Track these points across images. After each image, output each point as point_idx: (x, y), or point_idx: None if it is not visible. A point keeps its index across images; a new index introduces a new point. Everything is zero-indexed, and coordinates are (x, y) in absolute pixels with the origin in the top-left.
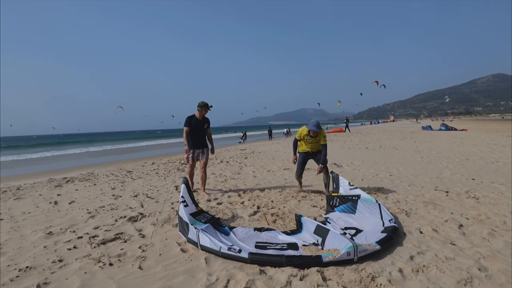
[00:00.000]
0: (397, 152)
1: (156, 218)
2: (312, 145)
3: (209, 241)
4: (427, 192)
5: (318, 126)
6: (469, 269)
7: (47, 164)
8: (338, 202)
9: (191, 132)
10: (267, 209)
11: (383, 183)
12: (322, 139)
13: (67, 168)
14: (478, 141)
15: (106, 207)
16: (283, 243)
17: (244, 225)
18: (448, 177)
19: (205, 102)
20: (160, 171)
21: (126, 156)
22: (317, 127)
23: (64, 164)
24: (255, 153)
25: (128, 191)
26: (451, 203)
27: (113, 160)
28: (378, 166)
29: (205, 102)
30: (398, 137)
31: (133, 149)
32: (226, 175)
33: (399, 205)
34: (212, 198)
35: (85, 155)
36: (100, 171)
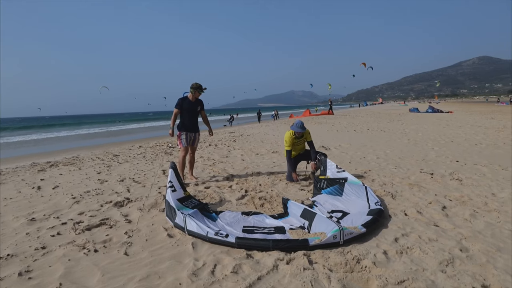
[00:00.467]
0: (385, 134)
1: (142, 203)
2: (300, 147)
3: (196, 226)
4: (413, 174)
5: (303, 127)
6: (451, 250)
7: (31, 147)
8: (326, 184)
9: (183, 114)
10: (255, 192)
11: (370, 165)
12: (308, 136)
13: (51, 152)
14: (463, 123)
15: (92, 192)
16: (271, 227)
17: (231, 209)
18: (433, 159)
19: (199, 84)
20: (148, 154)
21: (114, 139)
22: (302, 128)
23: (48, 147)
24: (243, 136)
25: (114, 176)
26: (435, 185)
27: (100, 143)
28: (365, 148)
29: (198, 84)
30: (385, 120)
31: (121, 132)
32: (214, 158)
33: (385, 187)
34: (200, 182)
35: (70, 138)
36: (86, 154)
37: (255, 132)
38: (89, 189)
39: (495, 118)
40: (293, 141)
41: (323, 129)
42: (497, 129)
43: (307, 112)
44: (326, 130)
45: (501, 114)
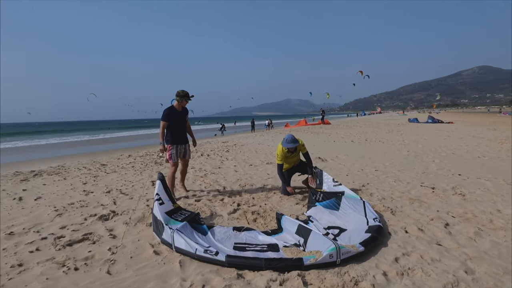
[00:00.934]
0: (383, 145)
1: (129, 216)
2: (293, 159)
3: (184, 243)
4: (413, 188)
5: (294, 140)
6: (456, 272)
7: (15, 155)
8: (322, 197)
9: (171, 126)
10: (248, 206)
11: (369, 178)
12: (303, 148)
13: (36, 160)
14: (464, 134)
15: (76, 204)
16: (263, 244)
17: (223, 224)
18: (435, 172)
19: (186, 91)
20: (137, 164)
21: (103, 147)
22: (293, 142)
23: (33, 155)
24: (237, 145)
25: (101, 187)
26: (437, 200)
27: (88, 151)
28: (363, 160)
29: (185, 91)
30: (384, 130)
31: (112, 139)
32: (206, 169)
33: (384, 202)
34: (190, 195)
35: (58, 145)
36: (72, 163)
37: (249, 142)
38: (73, 201)
39: (498, 129)
40: (285, 155)
41: (319, 140)
42: (500, 141)
43: (303, 121)
44: (323, 140)
45: (504, 125)
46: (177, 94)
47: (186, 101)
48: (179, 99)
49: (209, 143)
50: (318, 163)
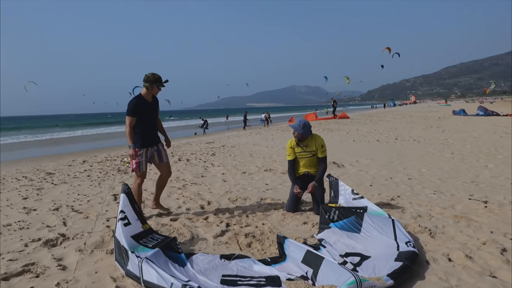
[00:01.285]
0: (419, 146)
1: (83, 241)
2: (307, 161)
3: (156, 276)
4: (459, 202)
5: (304, 127)
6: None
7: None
8: (337, 215)
9: (140, 122)
10: (240, 227)
11: (400, 189)
12: (320, 151)
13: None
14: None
15: (13, 225)
16: (260, 276)
17: (207, 250)
18: (488, 181)
19: (157, 75)
20: (94, 173)
21: (49, 150)
22: (302, 128)
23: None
24: (226, 147)
25: (47, 202)
26: (491, 218)
27: (30, 156)
28: (392, 166)
29: (156, 75)
30: (420, 125)
31: (61, 140)
32: (185, 178)
33: (421, 221)
34: (164, 212)
35: None
36: (9, 172)
37: (241, 142)
38: (11, 221)
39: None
40: (295, 149)
41: (335, 139)
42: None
43: (313, 115)
44: (339, 139)
45: None
46: (146, 79)
47: (158, 89)
48: (148, 85)
49: (189, 144)
50: (333, 170)
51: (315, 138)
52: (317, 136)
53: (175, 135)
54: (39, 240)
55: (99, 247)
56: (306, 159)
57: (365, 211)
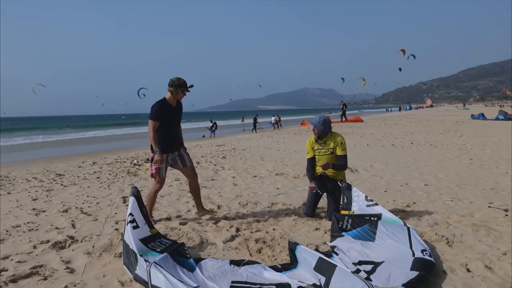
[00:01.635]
0: (436, 151)
1: (92, 244)
2: (325, 159)
3: (164, 281)
4: (478, 210)
5: (324, 123)
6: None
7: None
8: (350, 224)
9: (163, 127)
10: (250, 232)
11: (415, 196)
12: (340, 148)
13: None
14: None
15: (23, 227)
16: (271, 283)
17: (216, 255)
18: (509, 189)
19: (182, 80)
20: (103, 174)
21: (59, 151)
22: (322, 124)
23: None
24: (236, 150)
25: (56, 204)
26: None
27: (41, 156)
28: (408, 171)
29: (182, 80)
30: (437, 130)
31: (72, 141)
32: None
33: (437, 229)
34: (174, 216)
35: (2, 149)
36: (19, 173)
37: (252, 145)
38: (20, 222)
39: None
40: (314, 147)
41: (348, 142)
42: None
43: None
44: (353, 143)
45: None
46: (171, 83)
47: (183, 94)
48: (173, 90)
49: (200, 146)
50: (346, 175)
51: (334, 135)
52: (336, 133)
53: (188, 137)
54: (48, 242)
55: (107, 250)
56: (325, 156)
57: (379, 218)
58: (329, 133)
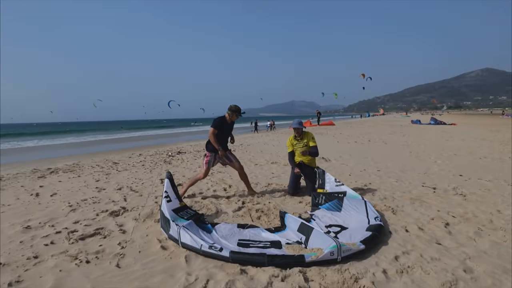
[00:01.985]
0: (386, 146)
1: (138, 212)
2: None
3: (190, 239)
4: (415, 188)
5: (300, 123)
6: (454, 271)
7: (35, 153)
8: (324, 199)
9: (218, 135)
10: (252, 204)
11: (371, 178)
12: (311, 141)
13: (53, 158)
14: (467, 136)
15: (88, 200)
16: (266, 241)
17: (228, 221)
18: (436, 173)
19: (238, 107)
20: (147, 163)
21: (116, 146)
22: (300, 124)
23: (51, 153)
24: (243, 145)
25: (112, 184)
26: (438, 200)
27: (102, 150)
28: (366, 160)
29: (238, 107)
30: (387, 131)
31: (124, 139)
32: (213, 168)
33: (386, 202)
34: (197, 192)
35: (75, 145)
36: (86, 162)
37: (254, 142)
38: (87, 197)
39: (500, 131)
40: (293, 143)
41: (323, 140)
42: (502, 142)
43: (308, 122)
44: (327, 141)
45: (506, 127)
46: (230, 108)
47: (236, 117)
48: (230, 113)
49: None
50: (321, 163)
51: (307, 133)
52: (308, 132)
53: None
54: (107, 211)
55: (149, 217)
56: (301, 149)
57: (344, 195)
58: (304, 132)
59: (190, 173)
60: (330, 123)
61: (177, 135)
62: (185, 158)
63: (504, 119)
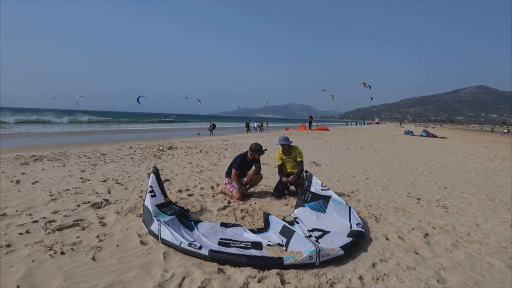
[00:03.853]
0: (377, 155)
1: (121, 206)
2: (291, 165)
3: (170, 235)
4: (400, 198)
5: (286, 139)
6: (428, 280)
7: (23, 139)
8: (310, 197)
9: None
10: (238, 204)
11: (358, 185)
12: (298, 156)
13: (40, 145)
14: (456, 150)
15: (71, 190)
16: (248, 241)
17: (212, 219)
18: (422, 184)
19: (259, 146)
20: (136, 156)
21: (108, 137)
22: (285, 140)
23: (39, 140)
24: (236, 145)
25: (98, 175)
26: (420, 211)
27: (95, 140)
28: (356, 167)
29: (258, 146)
30: (380, 140)
31: (119, 131)
32: (202, 165)
33: (370, 209)
34: (184, 189)
35: (67, 133)
36: (74, 151)
37: (248, 142)
38: (69, 187)
39: (488, 148)
40: (282, 157)
41: (316, 145)
42: (488, 159)
43: (303, 126)
44: (320, 146)
45: (494, 144)
46: (251, 148)
47: (258, 155)
48: (252, 152)
49: (209, 140)
50: (312, 168)
51: (295, 148)
52: (296, 146)
53: (202, 133)
54: (89, 203)
55: (132, 211)
56: (290, 163)
57: (329, 198)
58: (291, 147)
59: (179, 168)
60: (325, 128)
61: (169, 130)
62: (176, 154)
63: (493, 136)
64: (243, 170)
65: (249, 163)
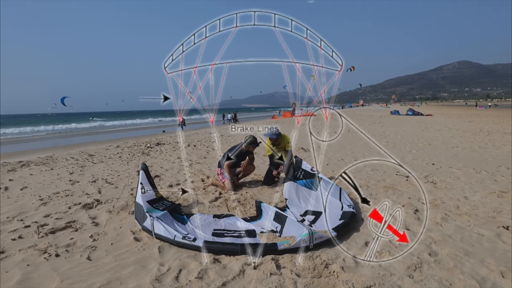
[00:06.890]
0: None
1: (113, 205)
2: (281, 154)
3: (163, 230)
4: (389, 177)
5: (277, 133)
6: (420, 254)
7: (6, 146)
8: (303, 175)
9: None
10: (229, 194)
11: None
12: (287, 146)
13: (26, 151)
14: (442, 126)
15: (61, 193)
16: (241, 230)
17: (204, 211)
18: (410, 162)
19: (254, 139)
20: (124, 155)
21: (93, 137)
22: (275, 134)
23: (24, 146)
24: (224, 136)
25: (87, 176)
26: (410, 188)
27: (78, 142)
28: (344, 150)
29: (253, 139)
30: (367, 122)
31: (101, 131)
32: (192, 159)
33: (360, 190)
34: (174, 184)
35: (51, 136)
36: (61, 154)
37: (235, 133)
38: (59, 190)
39: (473, 122)
40: (271, 147)
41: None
42: (473, 133)
43: (289, 113)
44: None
45: (479, 118)
46: (246, 140)
47: (253, 147)
48: (246, 144)
49: (197, 134)
50: (301, 153)
51: (283, 137)
52: (284, 135)
53: (189, 127)
54: (80, 204)
55: (124, 209)
56: (279, 152)
57: (321, 180)
58: (280, 136)
59: (168, 164)
60: (312, 114)
61: (155, 126)
62: (164, 150)
63: (477, 110)
64: (238, 161)
65: (243, 154)
